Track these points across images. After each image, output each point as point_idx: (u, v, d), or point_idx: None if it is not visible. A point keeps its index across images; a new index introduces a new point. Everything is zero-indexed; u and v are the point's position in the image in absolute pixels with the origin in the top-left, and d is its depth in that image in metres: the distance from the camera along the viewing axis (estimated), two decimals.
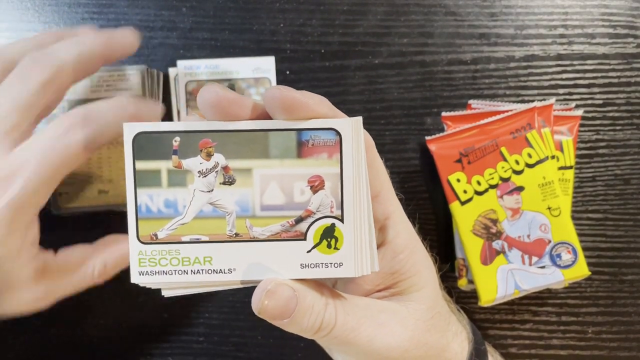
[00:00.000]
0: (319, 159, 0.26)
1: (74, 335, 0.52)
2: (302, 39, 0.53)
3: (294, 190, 0.26)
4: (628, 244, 0.53)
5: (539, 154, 0.47)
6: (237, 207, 0.26)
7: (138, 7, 0.53)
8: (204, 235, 0.26)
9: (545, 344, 0.53)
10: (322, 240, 0.26)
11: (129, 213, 0.26)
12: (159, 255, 0.26)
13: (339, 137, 0.26)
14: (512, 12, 0.53)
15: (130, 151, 0.26)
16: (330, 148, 0.26)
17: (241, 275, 0.26)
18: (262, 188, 0.26)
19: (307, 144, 0.26)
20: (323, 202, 0.26)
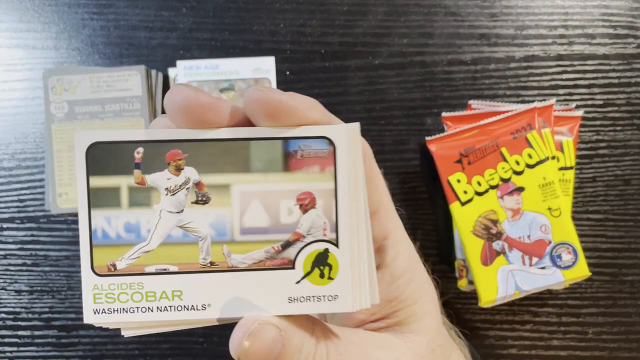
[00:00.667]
0: (310, 172, 0.22)
1: (74, 336, 0.52)
2: (302, 40, 0.53)
3: (280, 210, 0.22)
4: (628, 244, 0.53)
5: (539, 154, 0.47)
6: (212, 231, 0.22)
7: (138, 7, 0.53)
8: (172, 264, 0.22)
9: (546, 344, 0.53)
10: (313, 269, 0.23)
11: (82, 239, 0.22)
12: (118, 289, 0.22)
13: (333, 146, 0.22)
14: (512, 12, 0.53)
15: (84, 165, 0.22)
16: (322, 160, 0.22)
17: (218, 312, 0.22)
18: (243, 207, 0.22)
19: (296, 155, 0.22)
20: (314, 224, 0.23)
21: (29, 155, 0.53)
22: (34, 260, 0.52)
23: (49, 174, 0.51)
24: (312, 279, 0.23)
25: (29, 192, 0.52)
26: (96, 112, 0.51)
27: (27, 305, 0.52)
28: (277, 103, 0.21)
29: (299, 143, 0.22)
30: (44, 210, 0.52)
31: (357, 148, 0.23)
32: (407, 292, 0.27)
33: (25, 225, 0.52)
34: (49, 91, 0.51)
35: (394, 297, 0.27)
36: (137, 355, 0.52)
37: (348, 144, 0.22)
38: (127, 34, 0.53)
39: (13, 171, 0.53)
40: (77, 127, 0.51)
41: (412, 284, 0.27)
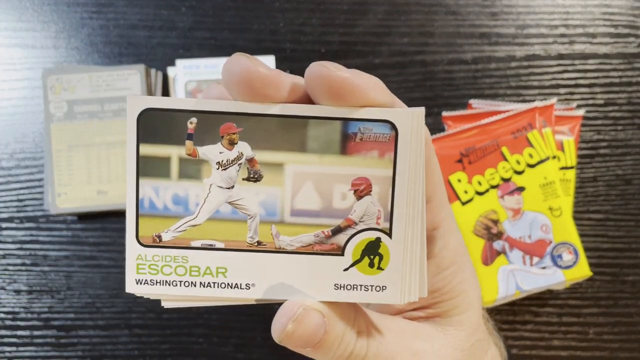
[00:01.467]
0: (368, 157, 0.21)
1: (74, 336, 0.52)
2: (302, 39, 0.53)
3: (333, 194, 0.22)
4: (629, 244, 0.53)
5: (540, 154, 0.47)
6: (261, 210, 0.22)
7: (137, 6, 0.53)
8: (219, 241, 0.22)
9: (547, 344, 0.53)
10: (363, 257, 0.22)
11: (128, 207, 0.21)
12: (162, 261, 0.22)
13: (395, 132, 0.21)
14: (513, 11, 0.53)
15: (134, 131, 0.21)
16: (382, 145, 0.21)
17: (262, 292, 0.22)
18: (295, 188, 0.22)
19: (355, 137, 0.21)
20: (368, 211, 0.22)
21: (28, 155, 0.53)
22: (33, 260, 0.52)
23: (48, 174, 0.51)
24: (361, 267, 0.22)
25: (28, 191, 0.52)
26: (95, 112, 0.51)
27: (26, 305, 0.52)
28: (341, 81, 0.20)
29: (360, 125, 0.21)
30: (43, 210, 0.52)
31: (421, 135, 0.21)
32: (452, 285, 0.27)
33: (25, 225, 0.52)
34: (48, 91, 0.51)
35: (437, 289, 0.27)
36: (136, 356, 0.52)
37: (411, 130, 0.21)
38: (127, 33, 0.53)
39: (12, 171, 0.52)
40: (76, 126, 0.51)
41: (457, 276, 0.27)
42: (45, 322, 0.52)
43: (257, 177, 0.22)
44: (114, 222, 0.52)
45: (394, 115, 0.21)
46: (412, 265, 0.22)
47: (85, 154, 0.51)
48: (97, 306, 0.52)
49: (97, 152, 0.51)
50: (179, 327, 0.52)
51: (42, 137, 0.52)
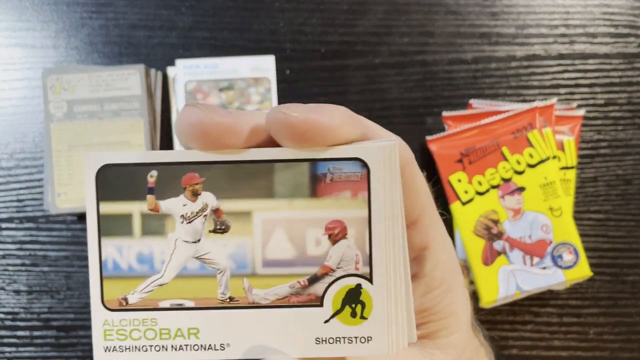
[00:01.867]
0: (340, 198, 0.20)
1: (73, 336, 0.52)
2: (302, 38, 0.53)
3: (306, 240, 0.20)
4: (630, 244, 0.53)
5: (540, 154, 0.47)
6: (231, 263, 0.21)
7: (137, 6, 0.53)
8: (188, 299, 0.20)
9: (547, 345, 0.53)
10: (344, 307, 0.20)
11: (91, 270, 0.20)
12: (130, 325, 0.20)
13: (367, 169, 0.20)
14: (513, 11, 0.53)
15: (93, 189, 0.20)
16: (355, 184, 0.20)
17: (239, 353, 0.20)
18: (265, 237, 0.20)
19: (325, 178, 0.20)
20: (345, 256, 0.20)
21: (28, 155, 0.52)
22: (33, 260, 0.52)
23: (48, 174, 0.51)
24: (343, 318, 0.20)
25: (28, 191, 0.52)
26: (95, 112, 0.51)
27: (25, 306, 0.52)
28: (303, 125, 0.19)
29: (329, 165, 0.20)
30: (42, 210, 0.52)
31: (395, 169, 0.20)
32: (442, 305, 0.25)
33: (24, 225, 0.52)
34: (48, 90, 0.51)
35: (426, 308, 0.25)
36: None
37: (384, 165, 0.20)
38: (126, 32, 0.52)
39: (12, 171, 0.52)
40: (76, 126, 0.51)
41: (448, 296, 0.25)
42: (45, 323, 0.52)
43: (224, 228, 0.20)
44: None
45: (363, 152, 0.20)
46: (397, 310, 0.20)
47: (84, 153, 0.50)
48: None
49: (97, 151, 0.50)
50: None
51: (41, 137, 0.52)
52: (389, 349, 0.20)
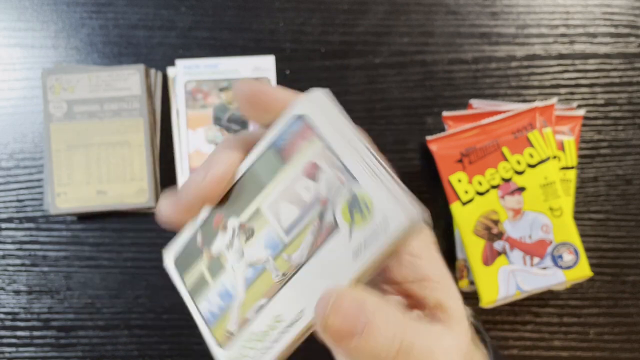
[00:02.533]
0: (300, 150, 0.24)
1: (73, 336, 0.52)
2: (302, 38, 0.53)
3: (300, 193, 0.24)
4: (630, 244, 0.53)
5: (540, 154, 0.47)
6: (269, 250, 0.24)
7: (137, 6, 0.52)
8: (261, 298, 0.24)
9: (547, 345, 0.53)
10: (353, 215, 0.22)
11: (203, 332, 0.26)
12: (246, 346, 0.25)
13: (304, 120, 0.24)
14: (513, 11, 0.53)
15: (178, 277, 0.26)
16: (303, 134, 0.24)
17: (311, 311, 0.23)
18: (276, 215, 0.24)
19: (284, 147, 0.24)
20: (329, 181, 0.23)
21: (28, 155, 0.52)
22: (33, 260, 0.52)
23: (48, 174, 0.50)
24: (358, 223, 0.23)
25: (28, 192, 0.52)
26: (95, 112, 0.51)
27: (25, 306, 0.52)
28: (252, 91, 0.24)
29: (281, 137, 0.24)
30: (42, 210, 0.52)
31: (332, 110, 0.24)
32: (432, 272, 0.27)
33: (24, 225, 0.52)
34: (48, 90, 0.51)
35: (423, 277, 0.27)
36: (136, 356, 0.52)
37: (319, 109, 0.24)
38: (126, 32, 0.52)
39: (11, 171, 0.52)
40: (76, 126, 0.51)
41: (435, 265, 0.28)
42: (45, 323, 0.52)
43: (252, 232, 0.25)
44: (114, 222, 0.52)
45: (296, 109, 0.24)
46: (391, 186, 0.22)
47: (84, 154, 0.50)
48: (97, 307, 0.52)
49: (96, 152, 0.50)
50: (179, 328, 0.52)
51: (41, 137, 0.52)
52: (408, 216, 0.22)
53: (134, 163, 0.50)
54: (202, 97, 0.52)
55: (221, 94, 0.52)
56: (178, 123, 0.52)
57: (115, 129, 0.51)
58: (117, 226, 0.52)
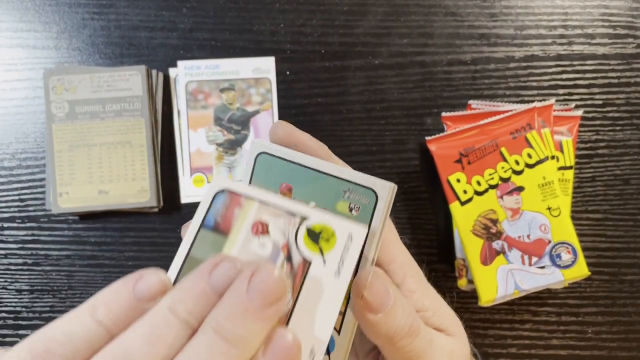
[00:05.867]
0: (237, 216, 0.24)
1: None
2: (302, 40, 0.53)
3: (258, 252, 0.24)
4: (628, 244, 0.53)
5: (538, 154, 0.47)
6: None
7: (138, 7, 0.53)
8: None
9: (545, 344, 0.53)
10: (319, 244, 0.24)
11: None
12: None
13: (228, 191, 0.25)
14: (512, 12, 0.53)
15: None
16: (233, 203, 0.24)
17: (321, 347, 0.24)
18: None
19: (218, 222, 0.24)
20: (281, 228, 0.24)
21: (30, 155, 0.53)
22: (35, 259, 0.52)
23: (50, 174, 0.51)
24: (326, 249, 0.24)
25: (30, 191, 0.53)
26: (97, 112, 0.51)
27: (27, 305, 0.52)
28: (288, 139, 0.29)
29: (211, 216, 0.24)
30: (44, 210, 0.52)
31: (389, 207, 0.27)
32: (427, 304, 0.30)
33: (26, 224, 0.52)
34: (50, 91, 0.51)
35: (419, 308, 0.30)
36: None
37: (387, 200, 0.26)
38: (128, 34, 0.53)
39: (14, 171, 0.53)
40: (78, 126, 0.51)
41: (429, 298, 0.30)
42: (47, 322, 0.52)
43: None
44: (115, 221, 0.53)
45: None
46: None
47: (86, 154, 0.51)
48: None
49: (98, 152, 0.51)
50: None
51: (43, 137, 0.53)
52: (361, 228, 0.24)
53: (135, 163, 0.51)
54: (203, 98, 0.53)
55: (222, 95, 0.53)
56: (179, 123, 0.53)
57: (117, 129, 0.51)
58: (119, 226, 0.53)
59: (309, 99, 0.53)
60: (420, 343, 0.27)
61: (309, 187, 0.28)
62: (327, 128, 0.53)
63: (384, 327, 0.26)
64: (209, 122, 0.53)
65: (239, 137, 0.53)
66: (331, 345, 0.28)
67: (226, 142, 0.53)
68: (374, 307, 0.26)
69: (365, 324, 0.26)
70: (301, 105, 0.53)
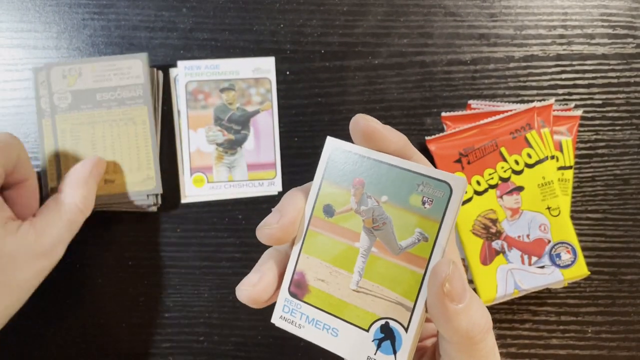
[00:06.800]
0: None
1: (75, 335, 0.52)
2: (302, 40, 0.53)
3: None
4: (627, 243, 0.53)
5: (538, 154, 0.47)
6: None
7: (138, 7, 0.53)
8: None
9: (545, 343, 0.53)
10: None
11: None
12: None
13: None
14: (511, 12, 0.53)
15: None
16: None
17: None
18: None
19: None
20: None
21: (30, 155, 0.53)
22: None
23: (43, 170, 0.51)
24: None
25: None
26: (99, 101, 0.51)
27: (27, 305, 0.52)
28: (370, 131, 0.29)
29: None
30: None
31: (461, 200, 0.28)
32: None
33: None
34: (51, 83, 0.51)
35: None
36: (137, 354, 0.52)
37: (461, 195, 0.27)
38: (128, 34, 0.53)
39: None
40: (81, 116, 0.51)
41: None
42: (47, 322, 0.52)
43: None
44: (115, 221, 0.53)
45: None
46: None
47: (90, 143, 0.51)
48: (98, 305, 0.52)
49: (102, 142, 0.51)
50: (180, 326, 0.53)
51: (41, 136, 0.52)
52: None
53: (140, 151, 0.51)
54: (203, 98, 0.53)
55: (222, 95, 0.53)
56: (179, 123, 0.53)
57: (119, 119, 0.51)
58: (121, 227, 0.53)
59: (309, 99, 0.53)
60: (491, 341, 0.27)
61: (382, 181, 0.28)
62: (327, 128, 0.53)
63: (465, 319, 0.26)
64: (209, 122, 0.53)
65: (238, 137, 0.53)
66: (397, 343, 0.27)
67: (226, 142, 0.53)
68: (456, 296, 0.25)
69: (445, 316, 0.25)
70: (301, 105, 0.53)
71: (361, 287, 0.28)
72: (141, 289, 0.52)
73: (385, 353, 0.27)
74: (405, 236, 0.28)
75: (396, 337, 0.27)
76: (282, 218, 0.29)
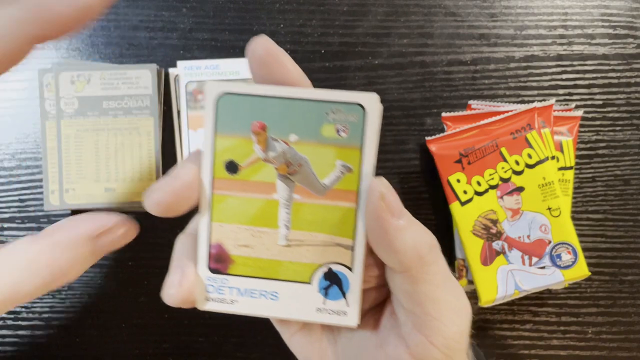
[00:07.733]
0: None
1: (74, 335, 0.52)
2: (302, 40, 0.53)
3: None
4: (628, 244, 0.53)
5: (539, 154, 0.47)
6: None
7: (138, 7, 0.53)
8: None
9: (546, 344, 0.53)
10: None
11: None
12: None
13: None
14: (512, 12, 0.53)
15: None
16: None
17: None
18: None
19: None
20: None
21: (30, 155, 0.53)
22: None
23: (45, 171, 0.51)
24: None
25: (30, 192, 0.53)
26: (105, 109, 0.51)
27: (27, 305, 0.52)
28: (270, 59, 0.24)
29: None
30: (44, 210, 0.52)
31: (380, 117, 0.26)
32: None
33: (26, 225, 0.52)
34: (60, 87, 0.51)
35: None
36: (137, 355, 0.52)
37: (377, 112, 0.25)
38: (128, 34, 0.53)
39: (14, 171, 0.53)
40: (86, 123, 0.51)
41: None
42: (47, 322, 0.52)
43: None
44: None
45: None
46: None
47: (94, 151, 0.51)
48: (98, 306, 0.52)
49: (105, 150, 0.51)
50: (180, 327, 0.53)
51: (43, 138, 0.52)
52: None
53: (142, 162, 0.51)
54: (203, 98, 0.53)
55: None
56: (179, 123, 0.53)
57: (125, 128, 0.51)
58: None
59: None
60: (444, 265, 0.25)
61: (286, 119, 0.25)
62: None
63: (410, 235, 0.24)
64: None
65: None
66: (345, 285, 0.26)
67: None
68: (396, 210, 0.24)
69: (388, 235, 0.24)
70: None
71: (291, 240, 0.26)
72: (141, 289, 0.52)
73: (334, 299, 0.25)
74: (327, 172, 0.25)
75: (342, 280, 0.25)
76: (175, 180, 0.25)
